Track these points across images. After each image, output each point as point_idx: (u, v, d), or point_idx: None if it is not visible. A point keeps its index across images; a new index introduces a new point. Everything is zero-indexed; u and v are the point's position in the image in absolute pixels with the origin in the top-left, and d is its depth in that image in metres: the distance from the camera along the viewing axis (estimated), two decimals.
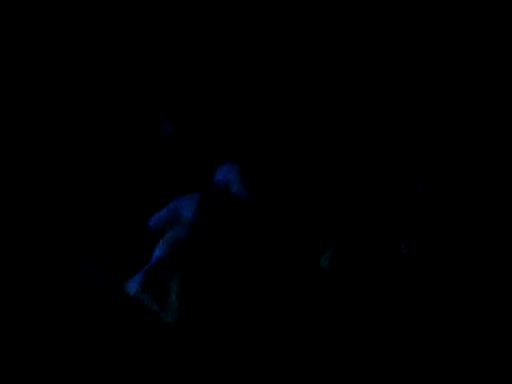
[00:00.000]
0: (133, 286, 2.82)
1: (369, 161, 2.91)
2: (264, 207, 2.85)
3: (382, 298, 2.80)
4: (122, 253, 2.92)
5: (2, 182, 2.94)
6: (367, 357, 2.77)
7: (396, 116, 2.94)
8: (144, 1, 3.00)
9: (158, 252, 2.84)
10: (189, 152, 2.97)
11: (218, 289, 2.81)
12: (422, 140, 2.93)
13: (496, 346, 2.74)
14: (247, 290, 2.81)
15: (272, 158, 2.92)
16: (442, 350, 2.76)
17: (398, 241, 2.84)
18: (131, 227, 2.95)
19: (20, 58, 2.99)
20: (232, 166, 2.88)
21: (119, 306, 2.86)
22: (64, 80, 3.00)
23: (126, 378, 2.77)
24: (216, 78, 3.00)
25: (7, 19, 2.97)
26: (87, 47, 3.01)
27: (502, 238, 2.83)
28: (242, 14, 3.00)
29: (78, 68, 3.01)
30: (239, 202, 2.85)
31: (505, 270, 2.80)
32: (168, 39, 3.02)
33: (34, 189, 2.95)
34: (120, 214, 2.96)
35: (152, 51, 3.01)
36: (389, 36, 2.96)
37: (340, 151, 2.93)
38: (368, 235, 2.85)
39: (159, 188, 2.97)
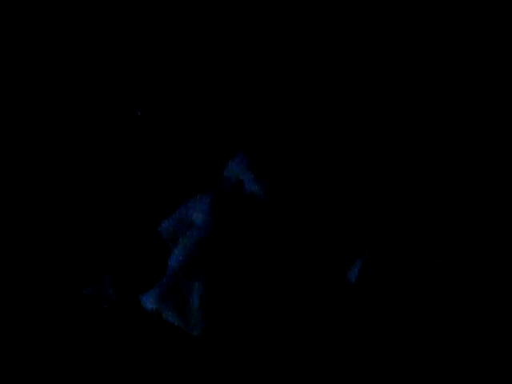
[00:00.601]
0: (150, 301, 2.62)
1: (408, 160, 2.70)
2: (282, 207, 2.63)
3: (415, 320, 2.56)
4: (133, 266, 2.71)
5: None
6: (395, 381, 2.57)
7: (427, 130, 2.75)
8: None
9: (172, 261, 2.64)
10: (185, 146, 2.75)
11: (241, 294, 2.62)
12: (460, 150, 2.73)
13: None
14: (268, 300, 2.62)
15: (289, 149, 2.70)
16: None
17: (435, 254, 2.58)
18: (140, 237, 2.73)
19: None
20: (242, 160, 2.67)
21: (137, 324, 2.66)
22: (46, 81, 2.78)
23: None
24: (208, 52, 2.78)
25: None
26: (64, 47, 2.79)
27: None
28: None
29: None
30: (254, 200, 2.64)
31: None
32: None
33: (29, 204, 2.73)
34: (126, 224, 2.74)
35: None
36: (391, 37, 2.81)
37: (375, 141, 2.72)
38: (403, 246, 2.59)
39: (163, 191, 2.75)
